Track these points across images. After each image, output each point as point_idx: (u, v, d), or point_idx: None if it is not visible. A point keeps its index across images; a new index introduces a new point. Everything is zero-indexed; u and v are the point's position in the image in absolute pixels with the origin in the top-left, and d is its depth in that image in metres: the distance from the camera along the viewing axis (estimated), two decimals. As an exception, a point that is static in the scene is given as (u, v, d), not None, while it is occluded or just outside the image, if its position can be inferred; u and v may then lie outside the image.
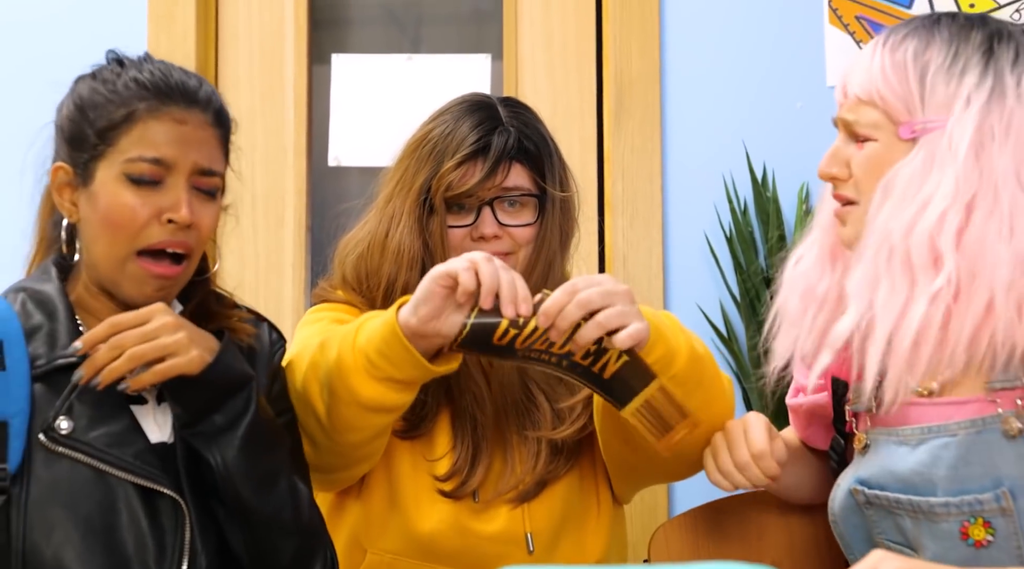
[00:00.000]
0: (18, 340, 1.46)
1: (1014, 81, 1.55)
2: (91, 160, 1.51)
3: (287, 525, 1.54)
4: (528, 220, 1.85)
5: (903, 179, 1.53)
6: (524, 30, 2.78)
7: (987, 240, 1.49)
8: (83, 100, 1.53)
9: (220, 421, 1.48)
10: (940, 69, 1.55)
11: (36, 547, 1.40)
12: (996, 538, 1.49)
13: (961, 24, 1.59)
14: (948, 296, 1.48)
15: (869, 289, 1.53)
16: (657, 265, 2.63)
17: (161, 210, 1.49)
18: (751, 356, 2.51)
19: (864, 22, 2.65)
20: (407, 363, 1.58)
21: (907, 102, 1.55)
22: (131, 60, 1.57)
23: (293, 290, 2.74)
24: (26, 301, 1.51)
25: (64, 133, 1.55)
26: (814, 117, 2.63)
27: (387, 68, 2.79)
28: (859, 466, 1.62)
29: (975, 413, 1.51)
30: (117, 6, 2.71)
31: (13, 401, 1.43)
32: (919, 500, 1.53)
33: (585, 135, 2.74)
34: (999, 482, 1.49)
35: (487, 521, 1.80)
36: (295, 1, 2.80)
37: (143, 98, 1.50)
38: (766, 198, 2.59)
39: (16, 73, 2.69)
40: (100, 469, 1.43)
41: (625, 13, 2.68)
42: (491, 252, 1.78)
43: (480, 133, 1.83)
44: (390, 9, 2.94)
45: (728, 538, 1.74)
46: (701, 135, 2.67)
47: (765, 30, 2.69)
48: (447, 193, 1.81)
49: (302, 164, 2.76)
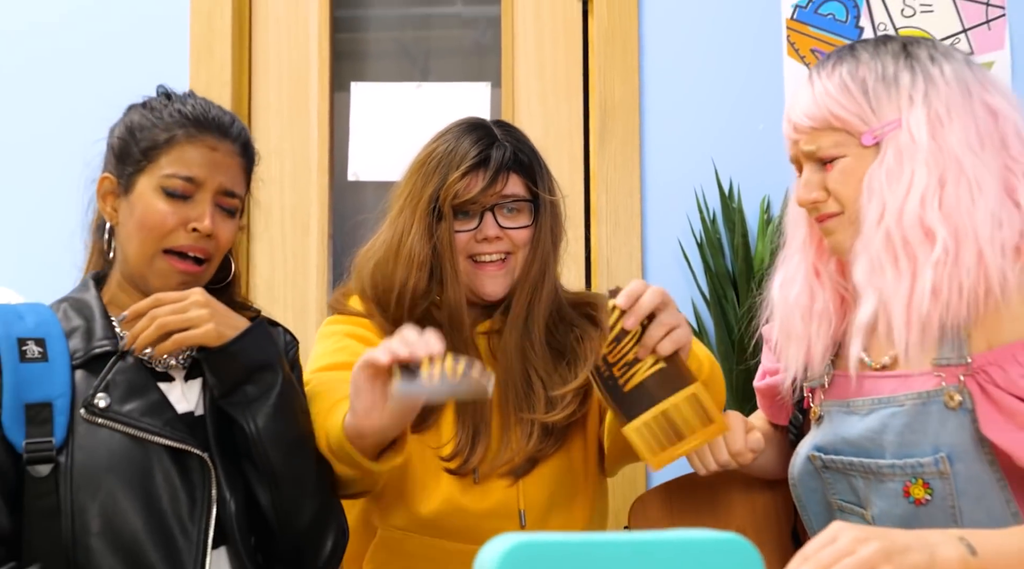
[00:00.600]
0: (59, 337, 1.53)
1: (937, 71, 1.57)
2: (134, 173, 1.58)
3: (310, 488, 1.58)
4: (525, 223, 1.85)
5: (881, 177, 1.54)
6: (520, 61, 2.78)
7: (963, 204, 1.51)
8: (133, 123, 1.61)
9: (252, 392, 1.54)
10: (877, 80, 1.57)
11: (83, 505, 1.44)
12: (933, 498, 1.51)
13: (875, 42, 1.62)
14: (947, 264, 1.49)
15: (877, 277, 1.53)
16: (636, 267, 2.64)
17: (188, 220, 1.57)
18: (720, 349, 2.53)
19: (817, 54, 2.65)
20: (356, 463, 1.57)
21: (860, 115, 1.56)
22: (177, 95, 1.65)
23: (317, 289, 2.74)
24: (67, 308, 1.58)
25: (114, 150, 1.62)
26: (774, 138, 2.62)
27: (399, 95, 2.79)
28: (815, 435, 1.65)
29: (921, 386, 1.53)
30: (163, 42, 2.72)
31: (56, 385, 1.48)
32: (869, 462, 1.55)
33: (573, 153, 2.74)
34: (938, 448, 1.50)
35: (484, 499, 1.80)
36: (319, 36, 2.80)
37: (183, 126, 1.58)
38: (732, 209, 2.60)
39: (75, 101, 2.70)
40: (136, 436, 1.48)
41: (608, 47, 2.69)
42: (493, 252, 1.83)
43: (480, 147, 1.83)
44: (402, 43, 2.94)
45: (699, 508, 1.74)
46: (675, 154, 2.67)
47: (731, 62, 2.69)
48: (454, 201, 1.81)
49: (325, 179, 2.77)
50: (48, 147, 2.70)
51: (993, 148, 1.55)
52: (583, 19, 2.77)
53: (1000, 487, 1.50)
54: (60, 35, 2.75)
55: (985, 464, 1.50)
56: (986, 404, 1.48)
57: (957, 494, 1.49)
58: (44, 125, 2.73)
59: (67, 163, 2.70)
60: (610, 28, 2.69)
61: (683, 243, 2.63)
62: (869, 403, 1.57)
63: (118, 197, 1.60)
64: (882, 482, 1.54)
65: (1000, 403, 1.47)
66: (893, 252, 1.53)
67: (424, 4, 2.94)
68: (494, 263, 1.84)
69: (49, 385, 1.48)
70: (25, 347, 1.49)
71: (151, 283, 1.58)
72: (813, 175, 1.61)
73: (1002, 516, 1.50)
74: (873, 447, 1.55)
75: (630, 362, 1.58)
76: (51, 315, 1.55)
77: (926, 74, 1.57)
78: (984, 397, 1.49)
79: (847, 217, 1.59)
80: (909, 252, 1.52)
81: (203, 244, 1.58)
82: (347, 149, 2.77)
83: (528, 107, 2.76)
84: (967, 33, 2.64)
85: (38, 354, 1.50)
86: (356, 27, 2.92)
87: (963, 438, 1.50)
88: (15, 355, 1.48)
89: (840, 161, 1.58)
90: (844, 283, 1.66)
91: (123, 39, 2.73)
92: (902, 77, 1.57)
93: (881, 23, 2.64)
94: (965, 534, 1.33)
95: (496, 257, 1.84)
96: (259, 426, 1.53)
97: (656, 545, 0.98)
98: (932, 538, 1.31)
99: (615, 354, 1.59)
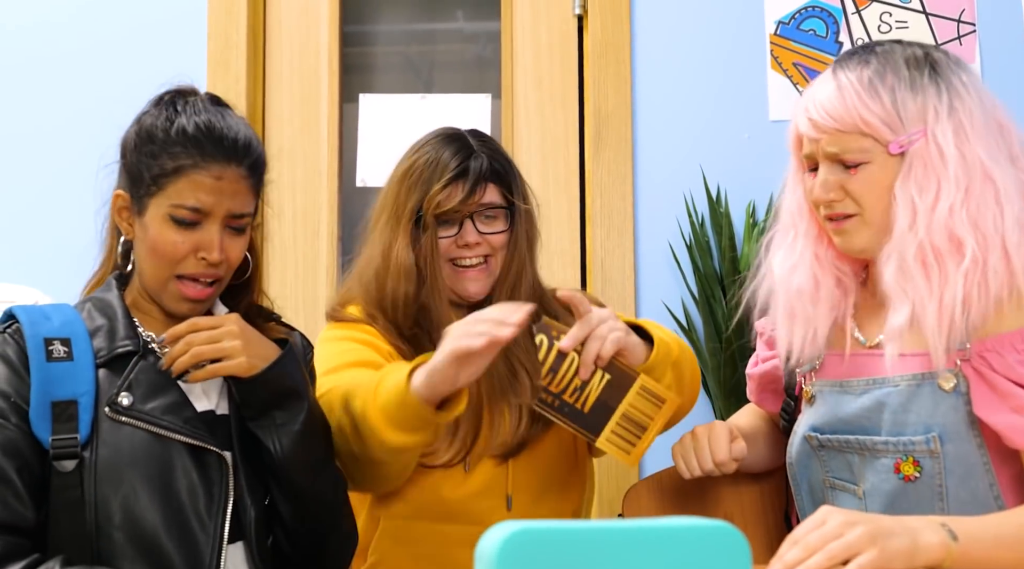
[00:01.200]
0: (83, 337, 1.50)
1: (959, 81, 1.55)
2: (145, 196, 1.53)
3: (329, 502, 1.58)
4: (501, 228, 1.86)
5: (910, 189, 1.52)
6: (518, 74, 2.78)
7: (990, 212, 1.49)
8: (141, 143, 1.54)
9: (280, 417, 1.52)
10: (904, 88, 1.54)
11: (106, 498, 1.43)
12: (922, 475, 1.50)
13: (900, 47, 1.59)
14: (976, 272, 1.48)
15: (909, 283, 1.51)
16: (629, 268, 2.63)
17: (198, 247, 1.52)
18: (708, 346, 2.52)
19: (800, 67, 2.65)
20: (420, 420, 1.55)
21: (888, 123, 1.52)
22: (185, 105, 1.56)
23: (326, 288, 2.74)
24: (91, 309, 1.55)
25: (126, 167, 1.57)
26: (758, 146, 2.64)
27: (405, 106, 2.79)
28: (809, 416, 1.64)
29: (917, 368, 1.52)
30: (182, 57, 2.72)
31: (81, 383, 1.46)
32: (864, 438, 1.54)
33: (569, 160, 2.74)
34: (930, 428, 1.50)
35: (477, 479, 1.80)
36: (329, 50, 2.81)
37: (189, 154, 1.50)
38: (720, 213, 2.59)
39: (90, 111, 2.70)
40: (156, 433, 1.46)
41: (602, 60, 2.69)
42: (473, 256, 1.83)
43: (459, 159, 1.84)
44: (408, 57, 2.95)
45: (690, 497, 1.73)
46: (665, 161, 2.67)
47: (719, 74, 2.69)
48: (436, 210, 1.82)
49: (334, 185, 2.77)
50: (64, 152, 2.70)
51: (1006, 159, 1.54)
52: (578, 34, 2.77)
53: (985, 470, 1.50)
54: (84, 56, 2.76)
55: (974, 446, 1.49)
56: (982, 387, 1.48)
57: (945, 473, 1.49)
58: (64, 136, 2.73)
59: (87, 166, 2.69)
60: (604, 42, 2.69)
61: (673, 245, 2.62)
62: (864, 383, 1.56)
63: (132, 214, 1.56)
64: (876, 458, 1.54)
65: (996, 386, 1.47)
66: (923, 260, 1.51)
67: (428, 20, 2.95)
68: (475, 267, 1.85)
69: (74, 383, 1.46)
70: (52, 347, 1.47)
71: (164, 303, 1.56)
72: (831, 175, 1.57)
73: (985, 498, 1.49)
74: (869, 425, 1.55)
75: (579, 386, 1.59)
76: (76, 315, 1.53)
77: (949, 85, 1.54)
78: (980, 380, 1.48)
79: (864, 220, 1.57)
80: (940, 261, 1.50)
81: (213, 270, 1.54)
82: (355, 156, 2.78)
83: (526, 117, 2.76)
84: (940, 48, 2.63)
85: (64, 353, 1.47)
86: (364, 42, 2.93)
87: (955, 419, 1.49)
88: (42, 355, 1.46)
89: (865, 167, 1.54)
90: (842, 267, 1.64)
91: (145, 56, 2.73)
92: (928, 87, 1.54)
93: (859, 38, 2.65)
94: (946, 521, 1.32)
95: (476, 261, 1.85)
96: (285, 448, 1.51)
97: (648, 532, 0.97)
98: (915, 524, 1.31)
99: (558, 383, 1.58)
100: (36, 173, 2.75)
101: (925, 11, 2.65)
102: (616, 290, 2.60)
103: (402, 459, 1.65)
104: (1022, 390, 1.45)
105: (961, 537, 1.30)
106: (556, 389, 1.58)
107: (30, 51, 2.77)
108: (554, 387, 1.58)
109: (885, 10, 2.66)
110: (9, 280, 2.06)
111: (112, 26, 2.76)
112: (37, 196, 2.73)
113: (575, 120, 2.75)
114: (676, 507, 1.75)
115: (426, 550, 1.79)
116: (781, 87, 2.65)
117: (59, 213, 2.66)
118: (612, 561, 0.95)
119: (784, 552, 1.25)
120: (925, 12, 2.65)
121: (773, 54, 2.67)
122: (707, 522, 0.99)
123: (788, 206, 1.69)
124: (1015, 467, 1.50)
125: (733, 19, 2.69)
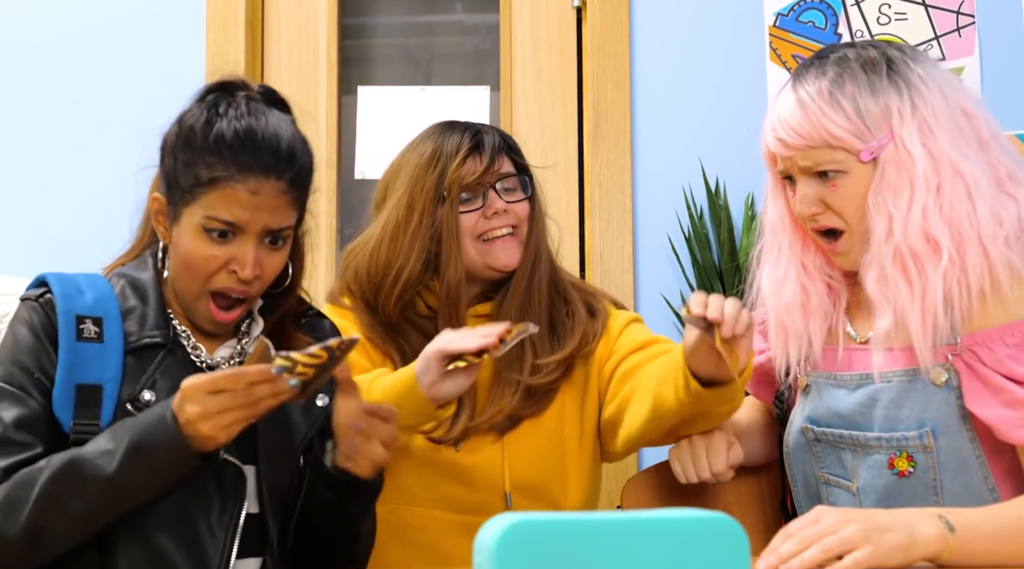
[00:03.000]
0: (116, 318, 1.44)
1: (917, 78, 1.55)
2: (180, 204, 1.46)
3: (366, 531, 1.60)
4: (523, 196, 1.89)
5: (884, 193, 1.52)
6: (517, 66, 2.77)
7: (962, 207, 1.49)
8: (179, 147, 1.46)
9: (367, 501, 1.55)
10: (864, 94, 1.54)
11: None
12: (916, 470, 1.51)
13: (854, 50, 1.59)
14: (955, 271, 1.48)
15: (890, 290, 1.52)
16: (628, 261, 2.63)
17: (230, 260, 1.45)
18: (706, 337, 2.52)
19: (799, 59, 2.64)
20: (421, 412, 1.65)
21: (854, 132, 1.53)
22: (228, 104, 1.47)
23: (325, 279, 2.73)
24: (125, 286, 1.49)
25: (163, 170, 1.50)
26: (758, 138, 2.61)
27: (404, 98, 2.78)
28: (805, 406, 1.64)
29: (908, 363, 1.52)
30: (180, 50, 2.72)
31: (108, 368, 1.41)
32: (858, 434, 1.55)
33: (568, 153, 2.74)
34: (923, 423, 1.50)
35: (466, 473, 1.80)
36: (327, 43, 2.81)
37: (225, 166, 1.41)
38: (718, 205, 2.59)
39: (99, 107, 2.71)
40: None
41: (601, 53, 2.69)
42: (503, 225, 1.85)
43: (471, 135, 1.87)
44: (406, 49, 2.95)
45: (687, 488, 1.72)
46: (664, 153, 2.66)
47: (718, 66, 2.68)
48: (461, 183, 1.84)
49: (333, 177, 2.77)
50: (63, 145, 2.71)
51: (973, 148, 1.53)
52: (577, 26, 2.77)
53: (979, 463, 1.50)
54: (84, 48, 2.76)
55: (967, 440, 1.50)
56: (973, 381, 1.48)
57: (939, 467, 1.50)
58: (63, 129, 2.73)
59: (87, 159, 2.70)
60: (603, 35, 2.68)
61: (672, 238, 2.62)
62: (856, 378, 1.56)
63: (168, 220, 1.49)
64: (869, 454, 1.54)
65: (987, 380, 1.47)
66: (902, 265, 1.51)
67: (427, 12, 2.96)
68: (504, 237, 1.86)
69: (101, 368, 1.41)
70: (83, 325, 1.41)
71: (194, 316, 1.50)
72: (809, 190, 1.58)
73: (979, 492, 1.50)
74: (863, 420, 1.55)
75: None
76: (110, 292, 1.46)
77: (909, 83, 1.54)
78: (971, 374, 1.48)
79: (855, 236, 1.57)
80: (918, 264, 1.50)
81: (245, 287, 1.46)
82: (354, 149, 2.77)
83: (525, 109, 2.76)
84: (939, 40, 2.63)
85: (94, 334, 1.41)
86: (363, 34, 2.94)
87: (947, 414, 1.49)
88: (72, 333, 1.40)
89: (840, 178, 1.55)
90: (831, 272, 1.64)
91: (144, 48, 2.74)
92: (889, 90, 1.54)
93: (858, 30, 2.64)
94: (943, 512, 1.32)
95: (507, 231, 1.86)
96: (358, 518, 1.54)
97: (647, 524, 0.98)
98: (912, 516, 1.31)
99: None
100: (36, 165, 2.75)
101: (924, 2, 2.65)
102: (615, 283, 2.60)
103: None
104: (1012, 384, 1.45)
105: (959, 528, 1.31)
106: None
107: (28, 44, 2.77)
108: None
109: (884, 1, 2.66)
110: (9, 272, 2.06)
111: (111, 19, 2.77)
112: (37, 188, 2.73)
113: (574, 113, 2.74)
114: (674, 499, 1.74)
115: (419, 537, 1.79)
116: (780, 79, 2.62)
117: (59, 205, 2.67)
118: (611, 553, 0.96)
119: (778, 545, 1.26)
120: (924, 3, 2.65)
121: (772, 46, 2.67)
122: (705, 514, 0.99)
123: (770, 220, 1.70)
124: (1008, 460, 1.50)
125: (732, 11, 2.69)
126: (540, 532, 0.95)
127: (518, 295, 1.86)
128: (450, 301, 1.83)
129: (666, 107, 2.68)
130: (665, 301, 2.59)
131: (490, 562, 0.94)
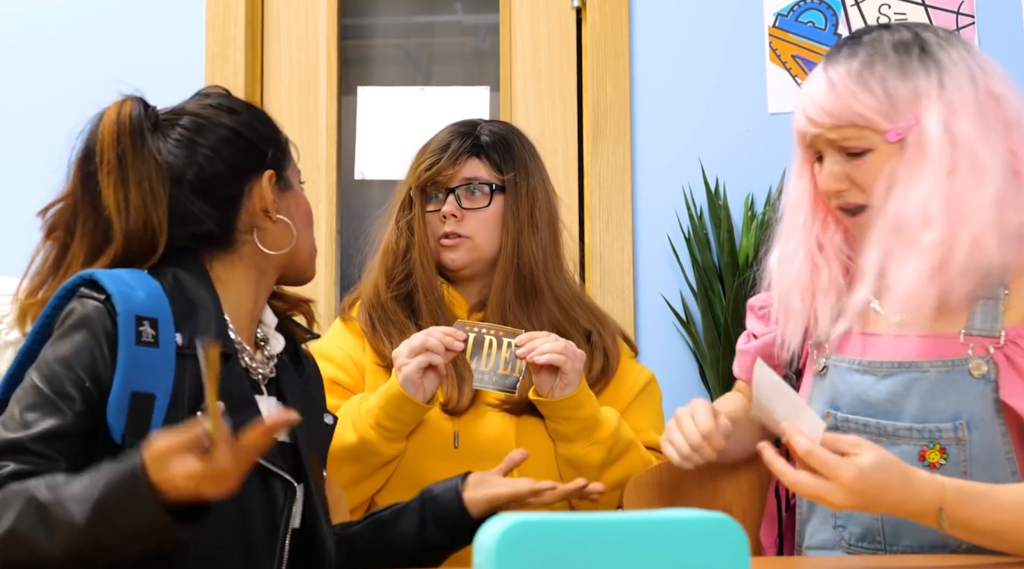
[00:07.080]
0: (168, 319, 1.32)
1: (948, 58, 1.55)
2: (285, 170, 1.50)
3: None
4: (482, 205, 1.88)
5: (902, 174, 1.53)
6: (517, 67, 2.77)
7: (967, 193, 1.50)
8: (255, 121, 1.51)
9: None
10: (894, 75, 1.54)
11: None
12: (947, 462, 1.50)
13: (888, 32, 1.59)
14: (940, 250, 1.48)
15: (880, 261, 1.53)
16: (628, 261, 2.63)
17: None
18: (707, 338, 2.52)
19: (798, 60, 2.66)
20: (411, 413, 1.73)
21: (882, 112, 1.53)
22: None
23: (325, 281, 2.74)
24: (174, 286, 1.37)
25: (243, 144, 1.46)
26: (757, 139, 2.64)
27: (404, 98, 2.78)
28: (823, 391, 1.62)
29: (944, 353, 1.52)
30: (180, 51, 2.73)
31: (162, 377, 1.30)
32: (886, 423, 1.54)
33: (568, 153, 2.74)
34: (959, 415, 1.50)
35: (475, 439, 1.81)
36: (327, 43, 2.80)
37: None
38: (718, 205, 2.59)
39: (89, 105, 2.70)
40: None
41: (601, 53, 2.69)
42: (449, 230, 1.86)
43: (449, 137, 1.90)
44: (406, 50, 2.97)
45: (688, 489, 1.73)
46: (664, 153, 2.67)
47: (717, 67, 2.69)
48: (418, 183, 1.87)
49: (333, 178, 2.77)
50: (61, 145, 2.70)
51: (997, 132, 1.53)
52: (577, 26, 2.77)
53: (1008, 459, 1.50)
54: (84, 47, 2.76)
55: (999, 434, 1.50)
56: (1012, 373, 1.48)
57: (970, 461, 1.49)
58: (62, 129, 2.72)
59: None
60: (602, 35, 2.69)
61: (672, 238, 2.62)
62: (888, 366, 1.55)
63: (278, 192, 1.45)
64: (895, 444, 1.52)
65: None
66: (894, 238, 1.52)
67: (427, 12, 2.97)
68: (449, 237, 1.87)
69: (156, 376, 1.29)
70: (142, 327, 1.29)
71: (308, 274, 1.52)
72: (836, 166, 1.58)
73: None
74: (893, 410, 1.54)
75: None
76: (159, 290, 1.34)
77: (938, 64, 1.54)
78: (1010, 366, 1.48)
79: (875, 211, 1.57)
80: (904, 237, 1.51)
81: None
82: (354, 149, 2.77)
83: (525, 110, 2.76)
84: (939, 39, 2.63)
85: (151, 338, 1.29)
86: (363, 34, 2.94)
87: (983, 406, 1.50)
88: (132, 335, 1.28)
89: (868, 155, 1.55)
90: (851, 252, 1.64)
91: (143, 48, 2.74)
92: (919, 70, 1.54)
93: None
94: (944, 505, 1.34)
95: (453, 236, 1.87)
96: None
97: (647, 525, 0.98)
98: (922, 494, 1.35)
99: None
100: (36, 165, 2.74)
101: (924, 3, 2.65)
102: (615, 283, 2.60)
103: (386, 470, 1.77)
104: None
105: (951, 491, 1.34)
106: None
107: (27, 43, 2.77)
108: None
109: (884, 2, 2.66)
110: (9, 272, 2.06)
111: (110, 18, 2.76)
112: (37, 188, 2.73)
113: (574, 113, 2.75)
114: (675, 499, 1.74)
115: None
116: (780, 79, 2.65)
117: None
118: (611, 553, 0.96)
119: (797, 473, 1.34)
120: (924, 4, 2.65)
121: (772, 46, 2.67)
122: (706, 514, 0.99)
123: (789, 199, 1.70)
124: None
125: (732, 11, 2.69)
126: (540, 532, 0.95)
127: (495, 307, 1.86)
128: (428, 300, 1.86)
129: (666, 107, 2.68)
130: (665, 301, 2.59)
131: (490, 562, 0.94)
